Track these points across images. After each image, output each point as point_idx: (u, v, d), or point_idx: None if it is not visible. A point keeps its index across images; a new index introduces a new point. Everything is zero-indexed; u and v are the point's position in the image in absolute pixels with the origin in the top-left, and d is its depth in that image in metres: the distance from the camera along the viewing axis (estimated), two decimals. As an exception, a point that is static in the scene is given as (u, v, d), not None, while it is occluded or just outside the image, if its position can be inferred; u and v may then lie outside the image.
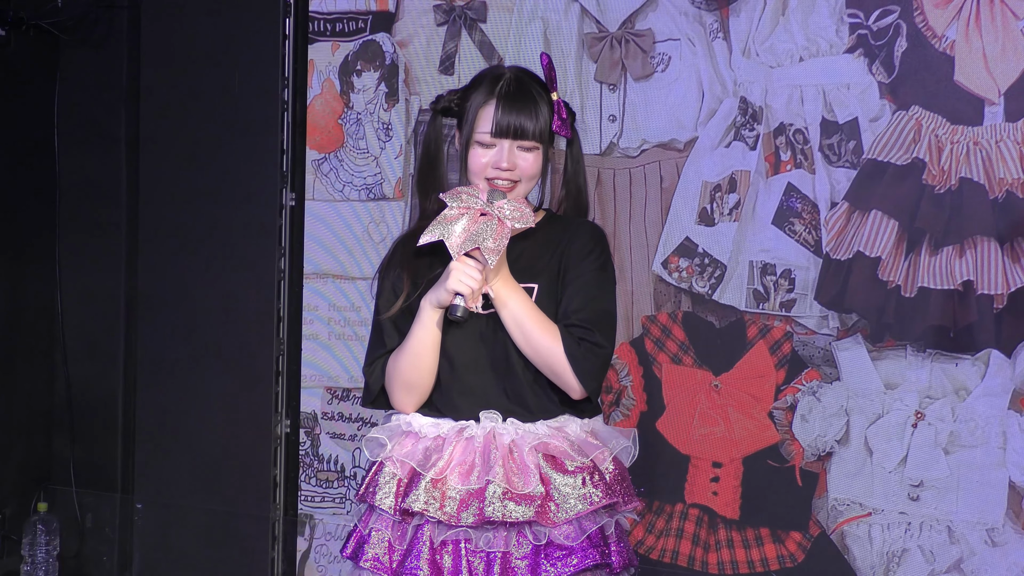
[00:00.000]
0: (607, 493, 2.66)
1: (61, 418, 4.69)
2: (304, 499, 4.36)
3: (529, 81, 2.71)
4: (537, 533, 2.62)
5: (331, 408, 4.31)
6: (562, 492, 2.62)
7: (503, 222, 2.61)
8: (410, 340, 2.72)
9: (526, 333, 2.65)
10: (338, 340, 4.30)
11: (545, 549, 2.62)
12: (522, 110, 2.66)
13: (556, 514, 2.61)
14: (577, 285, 2.68)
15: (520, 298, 2.66)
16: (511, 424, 2.68)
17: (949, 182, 3.49)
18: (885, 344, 3.57)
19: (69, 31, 4.59)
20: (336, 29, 4.28)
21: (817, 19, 3.63)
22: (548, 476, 2.63)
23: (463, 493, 2.63)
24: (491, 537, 2.63)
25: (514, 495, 2.60)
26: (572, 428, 2.71)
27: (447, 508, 2.63)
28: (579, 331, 2.64)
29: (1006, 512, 3.46)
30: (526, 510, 2.59)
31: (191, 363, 4.48)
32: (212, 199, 4.44)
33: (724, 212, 3.75)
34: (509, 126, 2.66)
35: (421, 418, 2.75)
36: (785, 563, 3.70)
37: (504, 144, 2.66)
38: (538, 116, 2.67)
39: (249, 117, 4.37)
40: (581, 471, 2.65)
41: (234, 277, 4.41)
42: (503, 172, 2.66)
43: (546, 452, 2.66)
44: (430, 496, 2.65)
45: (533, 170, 2.68)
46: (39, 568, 4.54)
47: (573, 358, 2.63)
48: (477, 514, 2.60)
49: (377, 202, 4.23)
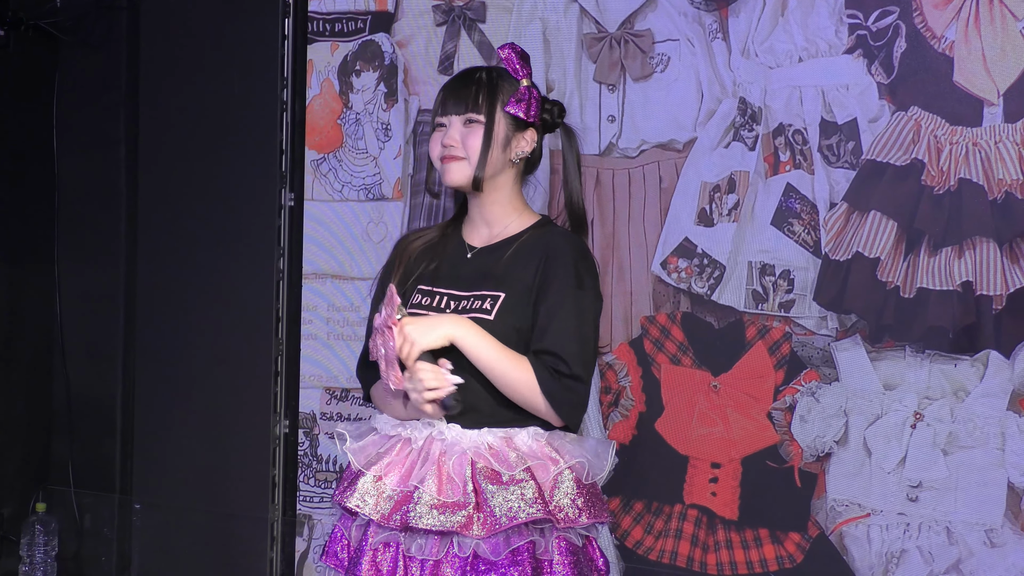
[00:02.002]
0: (542, 508, 2.58)
1: (60, 418, 4.69)
2: (303, 499, 4.35)
3: (491, 70, 2.75)
4: (462, 544, 2.57)
5: (330, 408, 4.31)
6: (491, 504, 2.56)
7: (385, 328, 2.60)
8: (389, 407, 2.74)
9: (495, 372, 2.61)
10: (337, 340, 4.29)
11: (472, 561, 2.57)
12: (461, 88, 2.72)
13: (481, 526, 2.55)
14: (551, 306, 2.63)
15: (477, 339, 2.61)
16: (450, 429, 2.64)
17: (948, 183, 3.49)
18: (884, 345, 3.57)
19: (68, 31, 4.59)
20: (335, 29, 4.28)
21: (816, 20, 3.63)
22: (481, 486, 2.57)
23: (399, 494, 2.61)
24: (423, 544, 2.59)
25: (440, 504, 2.55)
26: (522, 438, 2.64)
27: (381, 507, 2.61)
28: (551, 360, 2.59)
29: (1005, 513, 3.45)
30: (450, 519, 2.54)
31: (190, 364, 4.48)
32: (211, 200, 4.44)
33: (723, 213, 3.75)
34: (447, 101, 2.71)
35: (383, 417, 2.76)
36: (784, 564, 3.70)
37: (451, 121, 2.70)
38: (479, 92, 2.69)
39: (248, 117, 4.37)
40: (516, 484, 2.58)
41: (233, 277, 4.41)
42: (447, 148, 2.68)
43: (485, 462, 2.60)
44: (367, 494, 2.63)
45: (475, 146, 2.68)
46: (37, 568, 4.54)
47: (550, 395, 2.59)
48: (401, 518, 2.58)
49: (376, 202, 4.23)
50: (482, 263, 2.69)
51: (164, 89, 4.51)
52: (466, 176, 2.67)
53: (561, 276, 2.65)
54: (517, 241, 2.71)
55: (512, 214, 2.76)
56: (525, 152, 2.75)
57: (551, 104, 2.81)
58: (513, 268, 2.67)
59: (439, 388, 2.57)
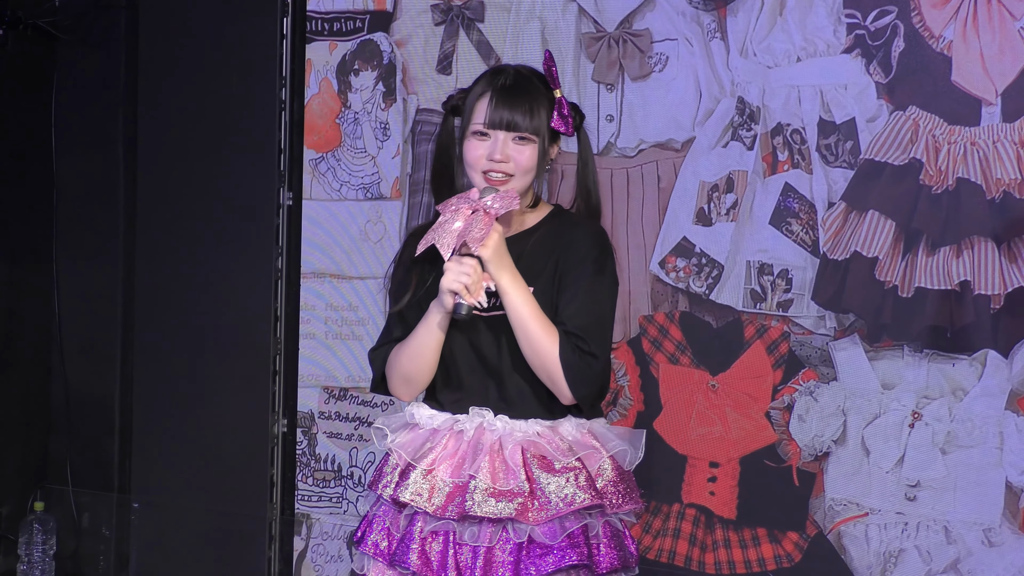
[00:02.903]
0: (594, 495, 2.66)
1: (58, 418, 4.69)
2: (301, 499, 4.35)
3: (530, 76, 2.73)
4: (518, 530, 2.63)
5: (328, 407, 4.31)
6: (546, 491, 2.63)
7: (488, 212, 2.63)
8: (413, 338, 2.75)
9: (527, 330, 2.66)
10: (335, 340, 4.29)
11: (527, 546, 2.64)
12: (517, 103, 2.67)
13: (537, 512, 2.62)
14: (573, 290, 2.68)
15: (524, 296, 2.67)
16: (500, 421, 2.69)
17: (946, 182, 3.50)
18: (882, 344, 3.57)
19: (67, 31, 4.59)
20: (334, 28, 4.28)
21: (815, 19, 3.63)
22: (534, 475, 2.64)
23: (451, 486, 2.66)
24: (476, 531, 2.65)
25: (496, 491, 2.62)
26: (567, 428, 2.72)
27: (435, 500, 2.66)
28: (574, 339, 2.65)
29: (1003, 512, 3.46)
30: (506, 507, 2.61)
31: (188, 363, 4.48)
32: (209, 199, 4.43)
33: (721, 212, 3.75)
34: (502, 118, 2.67)
35: (423, 410, 2.78)
36: (782, 563, 3.70)
37: (499, 136, 2.67)
38: (534, 110, 2.68)
39: (246, 116, 4.37)
40: (568, 471, 2.65)
41: (231, 277, 4.41)
42: (497, 164, 2.67)
43: (535, 451, 2.67)
44: (420, 487, 2.68)
45: (528, 164, 2.68)
46: (35, 568, 4.54)
47: (567, 365, 2.64)
48: (458, 507, 2.63)
49: (374, 201, 4.23)
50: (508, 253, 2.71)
51: (163, 88, 4.51)
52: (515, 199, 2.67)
53: (581, 263, 2.70)
54: (536, 233, 2.73)
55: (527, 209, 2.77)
56: (554, 160, 2.77)
57: (576, 111, 2.81)
58: (536, 261, 2.72)
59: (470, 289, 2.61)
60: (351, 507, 4.27)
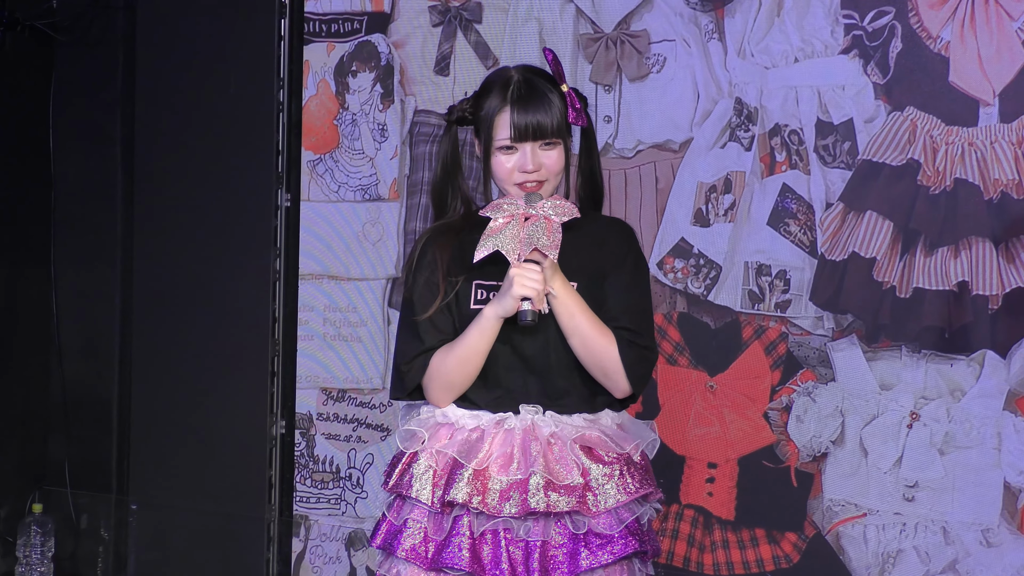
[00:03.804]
0: (641, 483, 2.71)
1: (56, 419, 4.69)
2: (299, 500, 4.35)
3: (538, 78, 2.72)
4: (576, 522, 2.66)
5: (326, 409, 4.31)
6: (600, 482, 2.67)
7: (551, 219, 2.65)
8: (463, 344, 2.71)
9: (582, 333, 2.68)
10: (334, 341, 4.29)
11: (585, 538, 2.66)
12: (537, 110, 2.67)
13: (595, 503, 2.65)
14: (619, 287, 2.72)
15: (576, 298, 2.69)
16: (550, 417, 2.71)
17: (944, 183, 3.50)
18: (880, 345, 3.57)
19: (64, 31, 4.59)
20: (331, 30, 4.28)
21: (812, 20, 3.63)
22: (586, 467, 2.67)
23: (504, 484, 2.65)
24: (531, 526, 2.65)
25: (556, 486, 2.64)
26: (605, 421, 2.75)
27: (489, 500, 2.65)
28: (628, 334, 2.68)
29: (1001, 513, 3.46)
30: (569, 500, 2.63)
31: (186, 364, 4.48)
32: (207, 200, 4.43)
33: (719, 213, 3.75)
34: (527, 128, 2.67)
35: (457, 410, 2.76)
36: (780, 564, 3.70)
37: (526, 147, 2.67)
38: (553, 112, 2.68)
39: (244, 118, 4.37)
40: (617, 461, 2.70)
41: (229, 278, 4.41)
42: (530, 175, 2.67)
43: (584, 444, 2.69)
44: (473, 487, 2.66)
45: (558, 166, 2.70)
46: (34, 569, 4.53)
47: (628, 362, 2.67)
48: (520, 505, 2.63)
49: (372, 203, 4.23)
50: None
51: (160, 90, 4.51)
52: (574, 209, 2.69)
53: (622, 259, 2.74)
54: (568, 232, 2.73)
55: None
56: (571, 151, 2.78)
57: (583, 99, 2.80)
58: (574, 259, 2.73)
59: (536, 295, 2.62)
60: (349, 508, 4.27)
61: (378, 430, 4.23)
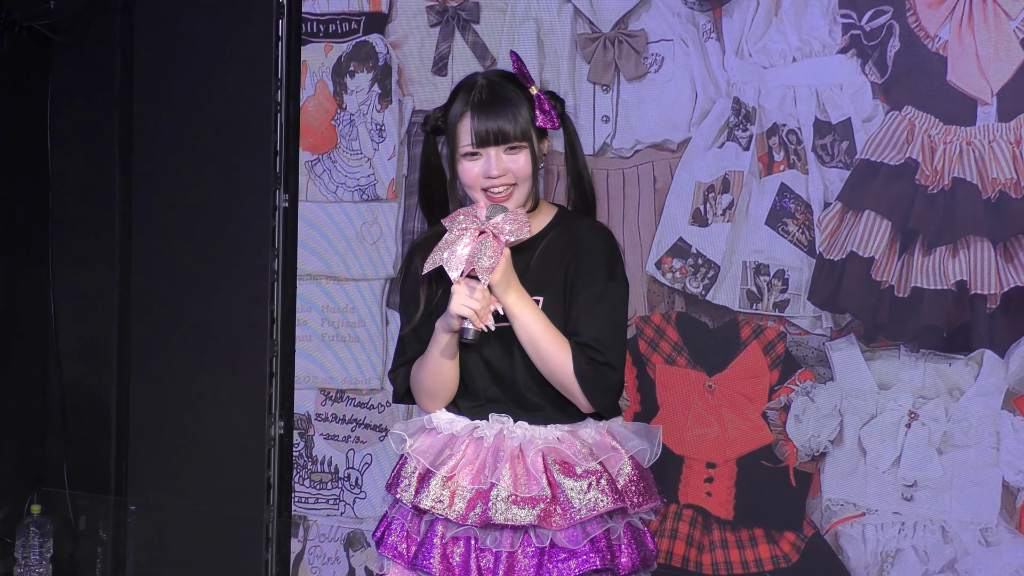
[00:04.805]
0: (616, 498, 2.67)
1: (54, 420, 4.69)
2: (298, 500, 4.35)
3: (502, 83, 2.69)
4: (541, 536, 2.64)
5: (325, 409, 4.31)
6: (568, 496, 2.64)
7: (498, 238, 2.61)
8: (427, 356, 2.73)
9: (538, 349, 2.65)
10: (332, 341, 4.29)
11: (550, 551, 2.64)
12: (498, 114, 2.64)
13: (560, 518, 2.63)
14: (585, 298, 2.66)
15: (532, 312, 2.65)
16: (520, 427, 2.69)
17: (942, 182, 3.50)
18: (879, 344, 3.57)
19: (62, 32, 4.58)
20: (329, 30, 4.28)
21: (810, 20, 3.63)
22: (556, 480, 2.64)
23: (472, 492, 2.66)
24: (498, 536, 2.65)
25: (518, 498, 2.62)
26: (586, 431, 2.72)
27: (456, 506, 2.65)
28: (589, 350, 2.64)
29: (1000, 512, 3.46)
30: (529, 513, 2.61)
31: (185, 364, 4.48)
32: (205, 200, 4.43)
33: (717, 213, 3.75)
34: (488, 133, 2.64)
35: (441, 414, 2.77)
36: (779, 563, 3.70)
37: (490, 152, 2.65)
38: (516, 116, 2.65)
39: (242, 118, 4.37)
40: (590, 475, 2.66)
41: (227, 278, 4.41)
42: (496, 180, 2.65)
43: (556, 456, 2.67)
44: (440, 493, 2.67)
45: (526, 171, 2.66)
46: (32, 570, 4.53)
47: (583, 378, 2.63)
48: (480, 515, 2.63)
49: (370, 203, 4.23)
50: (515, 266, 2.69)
51: (158, 90, 4.51)
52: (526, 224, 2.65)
53: (593, 269, 2.68)
54: (544, 240, 2.71)
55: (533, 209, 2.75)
56: (546, 156, 2.75)
57: (557, 100, 2.77)
58: (546, 269, 2.70)
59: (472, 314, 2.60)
60: (348, 509, 4.27)
61: (376, 430, 4.23)
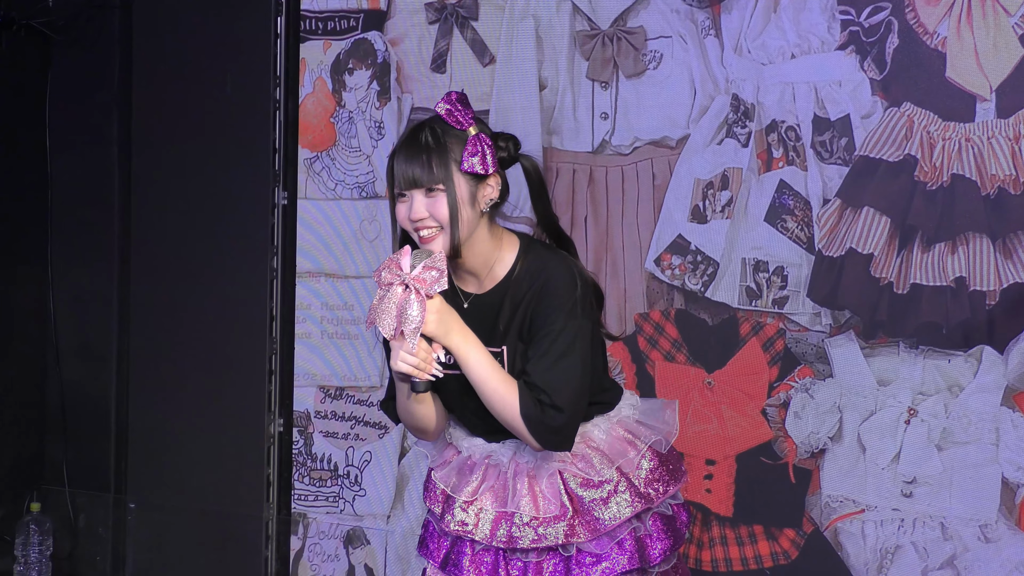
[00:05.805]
0: (638, 499, 2.71)
1: (54, 418, 4.69)
2: (297, 498, 4.35)
3: (427, 128, 2.68)
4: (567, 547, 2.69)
5: (324, 407, 4.31)
6: (591, 509, 2.69)
7: (419, 293, 2.61)
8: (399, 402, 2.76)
9: (485, 390, 2.65)
10: (331, 339, 4.29)
11: (577, 556, 2.70)
12: (412, 160, 2.65)
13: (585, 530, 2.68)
14: (543, 342, 2.65)
15: (477, 354, 2.65)
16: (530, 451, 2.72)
17: (941, 179, 3.50)
18: (878, 341, 3.57)
19: (60, 31, 4.58)
20: (328, 28, 4.28)
21: (809, 16, 3.63)
22: (577, 494, 2.70)
23: (495, 513, 2.72)
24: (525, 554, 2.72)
25: (542, 520, 2.68)
26: (596, 433, 2.75)
27: (482, 528, 2.72)
28: (537, 391, 2.63)
29: (999, 508, 3.46)
30: (555, 532, 2.67)
31: (184, 363, 4.48)
32: (204, 198, 4.43)
33: (716, 209, 3.75)
34: (403, 177, 2.66)
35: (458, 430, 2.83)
36: (779, 560, 3.70)
37: (414, 195, 2.66)
38: (432, 162, 2.64)
39: (241, 116, 4.37)
40: (608, 483, 2.71)
41: (227, 276, 4.41)
42: (419, 222, 2.66)
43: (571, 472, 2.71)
44: (464, 517, 2.75)
45: (444, 214, 2.64)
46: (32, 568, 4.53)
47: (528, 419, 2.62)
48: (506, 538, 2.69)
49: (369, 200, 4.23)
50: (481, 315, 2.71)
51: (157, 88, 4.51)
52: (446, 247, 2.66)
53: (550, 313, 2.66)
54: (510, 284, 2.71)
55: (494, 253, 2.73)
56: (493, 198, 2.71)
57: (505, 141, 2.74)
58: (506, 319, 2.71)
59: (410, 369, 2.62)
60: (347, 506, 4.27)
61: (376, 428, 4.23)
